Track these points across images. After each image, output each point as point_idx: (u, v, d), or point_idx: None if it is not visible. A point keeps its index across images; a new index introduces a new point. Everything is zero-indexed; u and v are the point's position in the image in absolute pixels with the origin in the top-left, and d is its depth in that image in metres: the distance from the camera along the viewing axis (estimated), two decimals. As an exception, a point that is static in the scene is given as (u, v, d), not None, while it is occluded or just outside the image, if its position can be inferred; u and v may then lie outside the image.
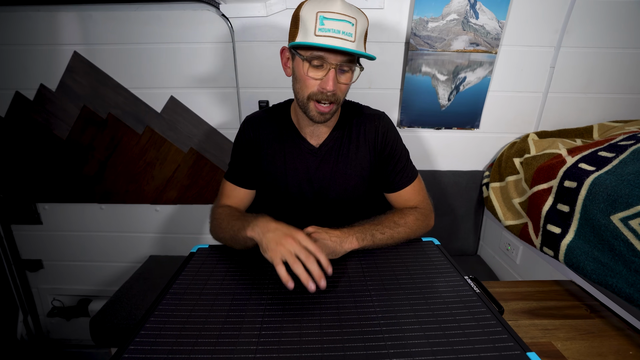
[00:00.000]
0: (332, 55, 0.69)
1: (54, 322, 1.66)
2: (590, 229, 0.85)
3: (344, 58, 0.70)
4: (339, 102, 0.77)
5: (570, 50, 1.22)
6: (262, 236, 0.65)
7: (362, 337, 0.51)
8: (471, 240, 1.45)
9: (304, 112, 0.78)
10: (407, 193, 0.88)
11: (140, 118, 1.34)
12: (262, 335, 0.52)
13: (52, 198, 1.46)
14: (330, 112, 0.76)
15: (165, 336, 0.52)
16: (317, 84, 0.73)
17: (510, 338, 0.50)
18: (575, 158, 0.98)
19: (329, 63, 0.70)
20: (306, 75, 0.72)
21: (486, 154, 1.40)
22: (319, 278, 0.58)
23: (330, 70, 0.70)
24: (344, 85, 0.75)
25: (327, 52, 0.69)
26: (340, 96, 0.76)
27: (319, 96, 0.73)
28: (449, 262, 0.72)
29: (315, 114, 0.76)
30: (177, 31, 1.22)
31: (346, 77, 0.74)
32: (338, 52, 0.69)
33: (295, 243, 0.61)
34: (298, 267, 0.59)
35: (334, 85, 0.71)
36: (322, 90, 0.72)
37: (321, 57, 0.70)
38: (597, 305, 0.76)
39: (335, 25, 0.67)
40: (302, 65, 0.72)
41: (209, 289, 0.64)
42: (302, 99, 0.76)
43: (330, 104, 0.75)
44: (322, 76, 0.72)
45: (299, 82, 0.75)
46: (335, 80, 0.71)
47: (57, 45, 1.24)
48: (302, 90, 0.75)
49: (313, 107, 0.75)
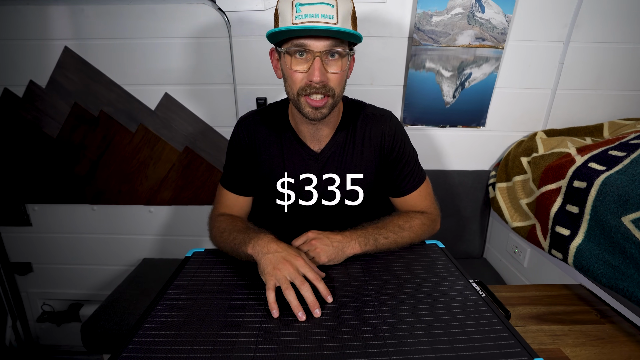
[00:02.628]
0: (314, 42, 0.66)
1: (44, 328, 1.66)
2: (600, 230, 0.85)
3: (328, 43, 0.67)
4: (335, 96, 0.72)
5: (580, 46, 1.22)
6: (261, 257, 0.65)
7: (363, 344, 0.51)
8: (477, 243, 1.45)
9: (299, 111, 0.75)
10: (414, 198, 0.87)
11: (133, 116, 1.34)
12: (259, 342, 0.52)
13: (42, 199, 1.45)
14: (326, 105, 0.72)
15: (159, 343, 0.52)
16: (304, 77, 0.70)
17: (518, 344, 0.50)
18: (584, 157, 0.98)
19: (312, 52, 0.67)
20: (290, 69, 0.70)
21: (492, 153, 1.40)
22: (312, 307, 0.58)
23: (315, 59, 0.67)
24: (334, 75, 0.70)
25: (308, 39, 0.66)
26: (333, 88, 0.71)
27: (307, 90, 0.70)
28: (454, 265, 0.72)
29: (309, 110, 0.72)
30: (171, 25, 1.22)
31: (336, 66, 0.70)
32: (320, 37, 0.66)
33: (293, 269, 0.61)
34: (290, 293, 0.59)
35: (320, 75, 0.67)
36: (310, 82, 0.69)
37: (302, 46, 0.67)
38: (608, 310, 0.76)
39: (312, 10, 0.65)
40: (286, 60, 0.70)
41: (205, 295, 0.64)
42: (294, 97, 0.73)
43: (324, 97, 0.71)
44: (308, 68, 0.69)
45: (287, 80, 0.72)
46: (321, 70, 0.68)
47: (47, 40, 1.24)
48: (291, 88, 0.72)
49: (305, 102, 0.71)
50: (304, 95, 0.71)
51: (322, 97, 0.71)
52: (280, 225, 0.92)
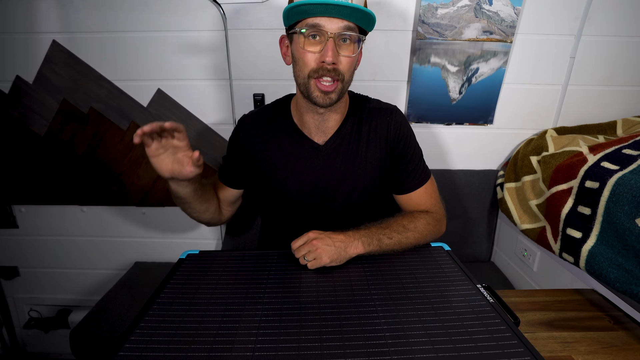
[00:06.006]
0: (328, 23, 0.70)
1: (31, 335, 1.66)
2: (613, 233, 0.85)
3: (342, 25, 0.70)
4: (344, 81, 0.76)
5: (592, 39, 1.22)
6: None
7: (365, 351, 0.51)
8: (484, 246, 1.45)
9: (306, 97, 0.77)
10: (419, 196, 0.88)
11: (124, 113, 1.34)
12: (257, 349, 0.52)
13: (29, 200, 1.45)
14: (335, 91, 0.75)
15: (151, 350, 0.52)
16: (316, 59, 0.73)
17: (527, 352, 0.50)
18: (597, 156, 0.98)
19: (326, 32, 0.70)
20: (303, 49, 0.73)
21: (500, 151, 1.40)
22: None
23: (329, 40, 0.70)
24: (346, 59, 0.74)
25: (323, 19, 0.70)
26: (344, 72, 0.74)
27: (319, 72, 0.73)
28: (460, 269, 0.72)
29: (318, 95, 0.75)
30: (164, 18, 1.22)
31: (348, 50, 0.74)
32: (335, 19, 0.69)
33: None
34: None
35: (333, 55, 0.71)
36: (322, 63, 0.72)
37: (317, 26, 0.70)
38: (621, 316, 0.76)
39: None
40: (299, 41, 0.73)
41: (199, 299, 0.64)
42: (303, 80, 0.75)
43: (334, 82, 0.74)
44: (321, 49, 0.72)
45: (298, 62, 0.75)
46: (335, 51, 0.71)
47: (34, 34, 1.24)
48: (301, 70, 0.75)
49: (314, 86, 0.74)
50: (315, 77, 0.74)
51: (332, 81, 0.74)
52: (281, 224, 0.93)
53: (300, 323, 0.57)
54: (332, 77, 0.73)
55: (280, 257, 0.78)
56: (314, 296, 0.64)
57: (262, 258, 0.78)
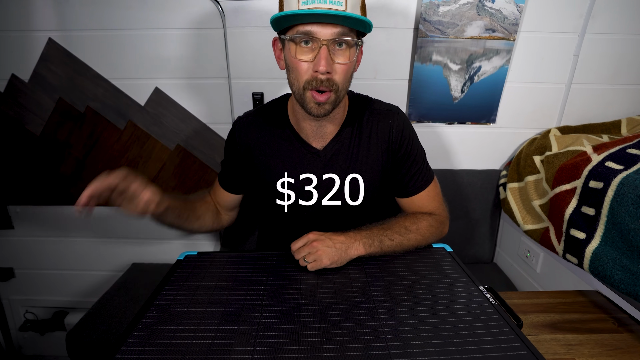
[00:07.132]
0: (321, 30, 0.66)
1: (26, 337, 1.66)
2: (618, 234, 0.85)
3: (336, 31, 0.66)
4: (339, 91, 0.72)
5: (596, 37, 1.22)
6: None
7: (366, 354, 0.51)
8: (487, 247, 1.45)
9: (301, 106, 0.75)
10: (422, 199, 0.87)
11: (121, 112, 1.34)
12: (255, 352, 0.52)
13: (24, 200, 1.45)
14: (328, 101, 0.72)
15: (149, 352, 0.52)
16: (310, 68, 0.69)
17: (530, 354, 0.50)
18: (601, 156, 0.98)
19: (319, 39, 0.67)
20: (295, 59, 0.69)
21: (503, 151, 1.40)
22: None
23: (322, 47, 0.67)
24: (341, 66, 0.70)
25: (315, 26, 0.66)
26: (338, 81, 0.71)
27: (314, 83, 0.69)
28: (462, 270, 0.72)
29: (312, 106, 0.72)
30: (162, 16, 1.22)
31: (344, 56, 0.70)
32: (328, 25, 0.66)
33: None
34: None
35: (326, 64, 0.67)
36: (315, 73, 0.69)
37: (308, 34, 0.67)
38: (626, 318, 0.76)
39: None
40: (290, 49, 0.70)
41: (198, 301, 0.64)
42: (299, 90, 0.72)
43: (327, 92, 0.70)
44: (313, 57, 0.68)
45: (292, 71, 0.72)
46: (328, 59, 0.67)
47: (30, 32, 1.24)
48: (297, 80, 0.72)
49: (310, 97, 0.71)
50: (310, 89, 0.70)
51: (327, 92, 0.71)
52: (281, 226, 0.92)
53: (300, 325, 0.57)
54: (325, 87, 0.70)
55: (279, 259, 0.78)
56: (313, 298, 0.64)
57: (261, 259, 0.78)
